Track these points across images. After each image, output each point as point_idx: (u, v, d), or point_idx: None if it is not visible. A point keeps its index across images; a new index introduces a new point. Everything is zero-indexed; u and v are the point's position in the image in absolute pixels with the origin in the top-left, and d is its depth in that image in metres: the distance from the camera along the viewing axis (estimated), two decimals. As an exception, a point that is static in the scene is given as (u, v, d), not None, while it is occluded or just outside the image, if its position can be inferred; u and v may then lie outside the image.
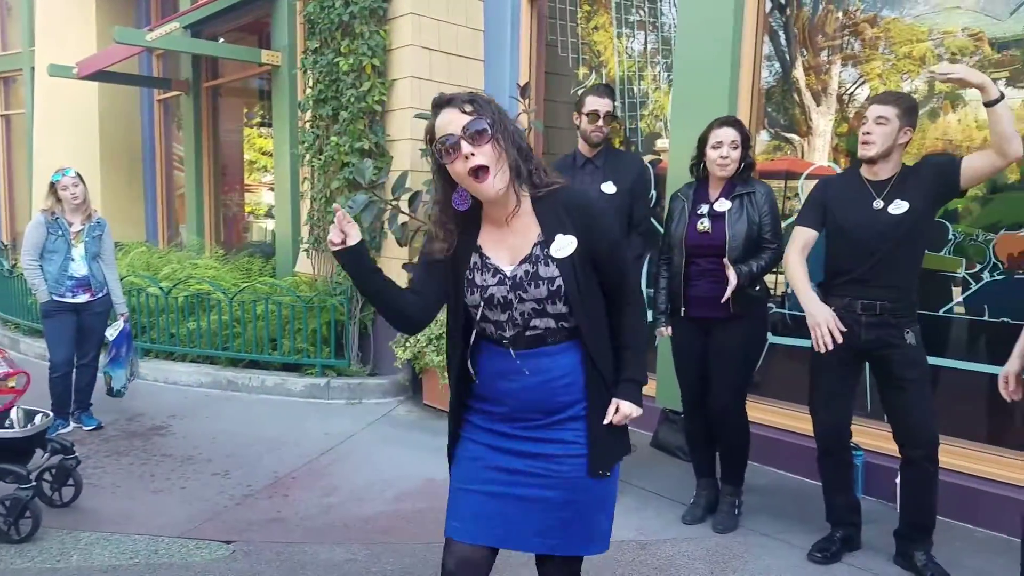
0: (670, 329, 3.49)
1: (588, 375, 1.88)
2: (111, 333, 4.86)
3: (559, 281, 1.82)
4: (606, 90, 3.82)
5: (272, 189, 7.76)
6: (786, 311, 4.39)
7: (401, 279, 5.50)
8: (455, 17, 5.79)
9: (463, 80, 5.82)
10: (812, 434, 3.22)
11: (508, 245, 1.88)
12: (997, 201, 3.71)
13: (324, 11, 5.67)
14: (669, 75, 5.12)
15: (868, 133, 2.94)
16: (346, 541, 3.36)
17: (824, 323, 2.85)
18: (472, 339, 1.93)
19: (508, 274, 1.85)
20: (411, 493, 3.89)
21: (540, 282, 1.83)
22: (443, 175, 1.86)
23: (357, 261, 1.85)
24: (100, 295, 4.81)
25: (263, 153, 9.01)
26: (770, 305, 3.80)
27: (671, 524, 3.52)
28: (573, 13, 5.67)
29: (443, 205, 1.89)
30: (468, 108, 1.76)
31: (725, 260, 3.23)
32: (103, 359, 4.95)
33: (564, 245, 1.83)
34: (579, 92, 5.66)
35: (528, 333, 1.86)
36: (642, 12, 5.32)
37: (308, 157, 6.04)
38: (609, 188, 3.75)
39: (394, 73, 5.68)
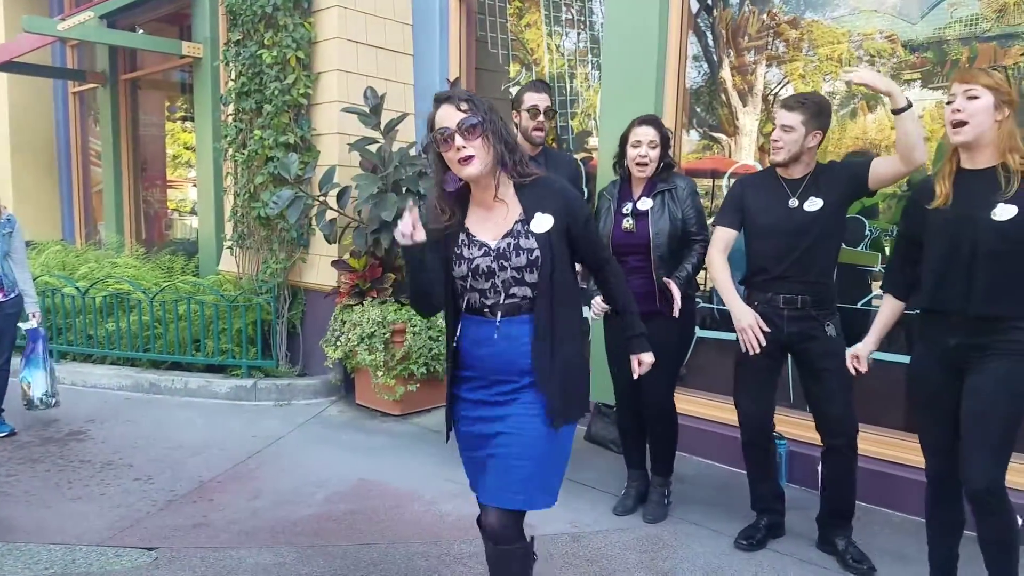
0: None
1: (538, 344, 2.12)
2: (22, 327, 4.64)
3: (536, 252, 2.10)
4: (543, 85, 3.81)
5: (196, 185, 7.53)
6: (713, 306, 4.48)
7: (331, 276, 5.42)
8: (383, 10, 5.72)
9: (392, 74, 5.76)
10: (737, 424, 3.29)
11: (492, 224, 2.17)
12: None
13: (246, 2, 5.52)
14: (600, 73, 5.17)
15: (776, 140, 3.04)
16: (274, 545, 3.28)
17: (749, 327, 2.97)
18: (460, 312, 2.23)
19: (492, 247, 2.13)
20: (343, 494, 3.83)
21: (521, 252, 2.11)
22: (440, 160, 2.13)
23: (420, 258, 2.16)
24: (11, 295, 4.58)
25: (186, 148, 8.74)
26: (697, 300, 3.87)
27: (604, 516, 3.56)
28: (503, 9, 5.67)
29: (439, 189, 2.18)
30: (464, 107, 2.05)
31: (666, 279, 3.30)
32: (18, 364, 4.71)
33: (543, 222, 2.12)
34: (512, 89, 5.71)
35: (506, 301, 2.14)
36: (572, 10, 5.35)
37: (231, 152, 5.87)
38: None
39: (320, 66, 5.57)
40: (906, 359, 2.96)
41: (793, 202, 3.05)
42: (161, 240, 8.64)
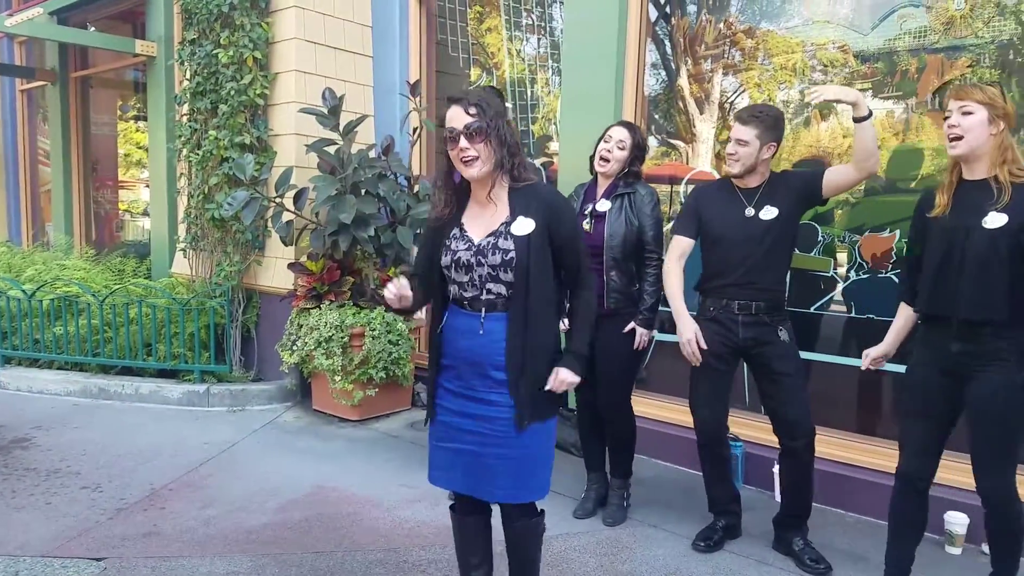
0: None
1: (510, 343, 2.20)
2: None
3: (512, 253, 2.18)
4: (494, 92, 3.79)
5: (148, 186, 7.37)
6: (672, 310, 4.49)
7: (287, 279, 5.34)
8: (342, 12, 5.67)
9: (351, 76, 5.71)
10: (694, 427, 3.32)
11: (482, 221, 2.28)
12: (862, 204, 3.95)
13: (202, 1, 5.42)
14: (560, 79, 5.20)
15: (732, 153, 3.09)
16: (228, 553, 3.21)
17: (687, 343, 3.08)
18: (447, 300, 2.33)
19: (476, 243, 2.24)
20: (299, 502, 3.77)
21: (497, 251, 2.20)
22: (447, 154, 2.25)
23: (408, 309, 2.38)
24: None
25: (138, 147, 8.55)
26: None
27: (564, 519, 3.56)
28: (463, 13, 5.66)
29: (445, 177, 2.30)
30: (472, 111, 2.16)
31: (632, 324, 3.37)
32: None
33: (524, 226, 2.21)
34: (470, 93, 5.70)
35: (484, 296, 2.23)
36: (532, 16, 5.37)
37: (185, 152, 5.76)
38: None
39: (277, 67, 5.50)
40: (859, 362, 3.02)
41: (749, 211, 3.10)
42: (112, 242, 8.44)
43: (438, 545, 3.29)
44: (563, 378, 2.24)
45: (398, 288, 2.26)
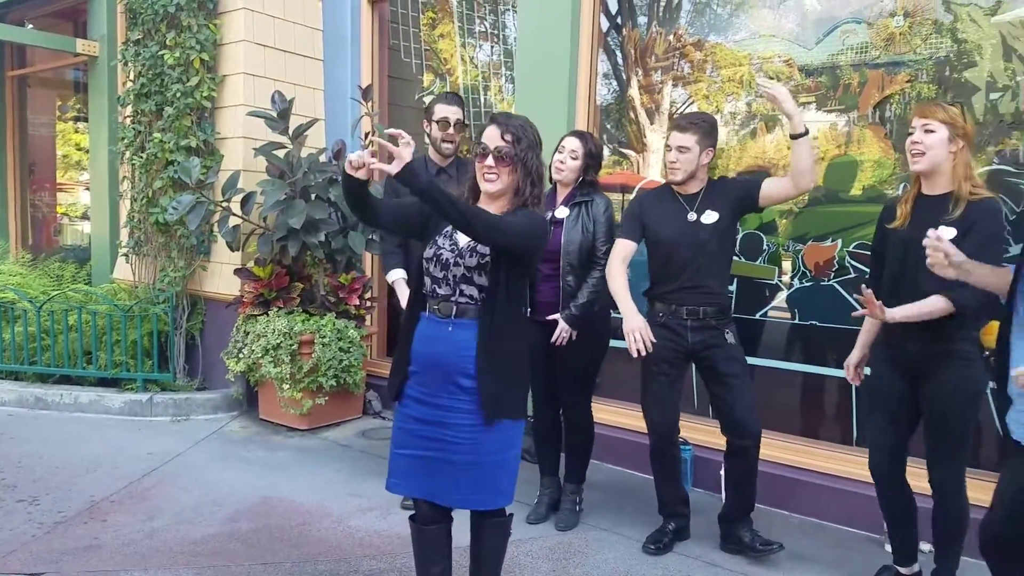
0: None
1: (481, 351, 2.24)
2: None
3: (488, 259, 2.26)
4: (455, 98, 3.76)
5: (88, 188, 7.16)
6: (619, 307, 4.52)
7: (234, 285, 5.24)
8: (292, 15, 5.61)
9: (301, 79, 5.65)
10: (646, 430, 3.37)
11: None
12: (805, 214, 4.06)
13: (147, 1, 5.31)
14: (514, 86, 5.23)
15: (673, 162, 3.16)
16: (172, 566, 3.13)
17: (631, 332, 3.06)
18: (420, 299, 2.36)
19: (460, 244, 2.31)
20: (246, 513, 3.69)
21: (475, 254, 2.28)
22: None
23: (356, 186, 2.22)
24: None
25: (78, 149, 8.31)
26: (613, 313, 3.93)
27: (517, 524, 3.48)
28: (416, 19, 5.65)
29: (472, 180, 2.39)
30: (507, 137, 2.27)
31: (557, 315, 3.36)
32: None
33: None
34: (425, 99, 5.69)
35: (455, 298, 2.28)
36: (486, 23, 5.39)
37: (128, 155, 5.60)
38: None
39: (225, 69, 5.41)
40: (803, 368, 3.11)
41: (691, 215, 3.17)
42: (50, 246, 8.19)
43: (390, 555, 3.26)
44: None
45: (359, 156, 2.15)
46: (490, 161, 2.28)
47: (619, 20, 4.76)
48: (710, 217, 3.14)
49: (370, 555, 3.26)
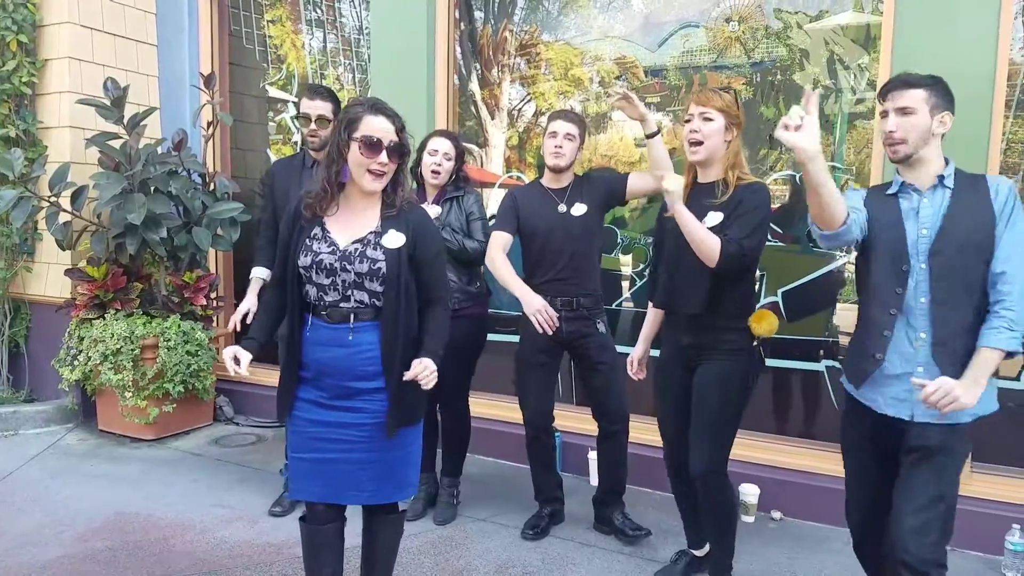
0: None
1: (385, 351, 2.21)
2: None
3: (381, 264, 2.19)
4: (320, 92, 3.55)
5: None
6: (498, 310, 4.60)
7: (64, 287, 4.81)
8: (122, -4, 5.20)
9: (132, 65, 5.25)
10: (518, 421, 3.46)
11: (348, 228, 2.25)
12: (654, 207, 4.31)
13: (-48, -27, 4.73)
14: (354, 75, 5.16)
15: (559, 147, 3.25)
16: (21, 597, 2.86)
17: (535, 314, 3.08)
18: (303, 306, 2.26)
19: (340, 248, 2.21)
20: (100, 530, 3.42)
21: (365, 260, 2.19)
22: (342, 153, 2.19)
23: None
24: None
25: None
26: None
27: (392, 524, 3.54)
28: (258, 5, 5.42)
29: (334, 174, 2.23)
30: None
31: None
32: None
33: (395, 239, 2.22)
34: (268, 87, 5.47)
35: (343, 305, 2.21)
36: (321, 10, 5.25)
37: (-65, 145, 4.98)
38: None
39: (47, 52, 4.93)
40: (654, 353, 3.28)
41: (562, 207, 3.29)
42: None
43: (264, 564, 3.15)
44: (428, 366, 2.15)
45: (234, 352, 2.24)
46: (384, 157, 2.16)
47: (471, 15, 4.81)
48: (579, 210, 3.26)
49: (243, 565, 3.14)
